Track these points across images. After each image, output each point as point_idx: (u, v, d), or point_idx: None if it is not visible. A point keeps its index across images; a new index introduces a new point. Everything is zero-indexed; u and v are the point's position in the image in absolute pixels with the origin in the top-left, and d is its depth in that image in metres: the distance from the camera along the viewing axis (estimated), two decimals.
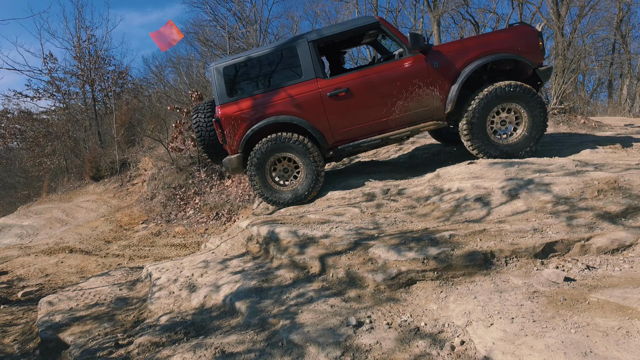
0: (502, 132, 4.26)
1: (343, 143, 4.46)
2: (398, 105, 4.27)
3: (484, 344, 1.96)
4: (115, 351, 2.80)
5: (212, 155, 4.88)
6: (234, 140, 4.40)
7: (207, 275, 3.56)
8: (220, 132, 4.38)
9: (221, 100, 4.38)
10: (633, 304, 1.95)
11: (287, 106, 4.30)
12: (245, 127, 4.35)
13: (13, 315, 4.53)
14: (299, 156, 4.33)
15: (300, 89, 4.31)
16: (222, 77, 4.39)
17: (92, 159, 13.14)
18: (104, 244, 7.82)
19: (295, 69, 4.36)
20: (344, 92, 4.25)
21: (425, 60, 4.21)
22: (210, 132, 4.67)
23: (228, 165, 4.53)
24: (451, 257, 2.65)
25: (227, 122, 4.35)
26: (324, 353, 2.15)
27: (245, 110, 4.34)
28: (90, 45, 16.39)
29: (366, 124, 4.36)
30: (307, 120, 4.32)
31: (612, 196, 3.00)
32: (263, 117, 4.32)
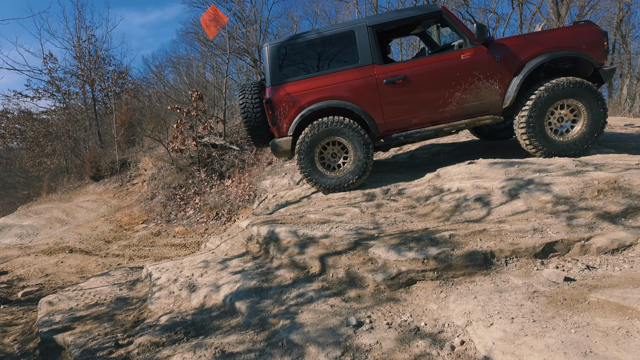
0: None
1: (394, 132, 4.39)
2: (455, 96, 4.21)
3: (484, 344, 1.96)
4: (115, 351, 2.80)
5: (255, 138, 4.81)
6: (283, 123, 4.35)
7: (207, 275, 3.56)
8: (271, 113, 4.32)
9: (273, 81, 4.33)
10: (633, 304, 1.95)
11: (341, 91, 4.26)
12: (297, 110, 4.30)
13: (13, 315, 4.53)
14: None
15: (355, 74, 4.26)
16: (276, 58, 4.33)
17: (92, 159, 13.14)
18: (104, 244, 7.82)
19: (352, 53, 4.30)
20: (401, 79, 4.19)
21: (487, 53, 4.15)
22: (256, 114, 4.61)
23: (276, 147, 4.47)
24: (451, 257, 2.65)
25: (278, 103, 4.30)
26: (324, 353, 2.15)
27: (298, 93, 4.30)
28: (90, 45, 16.40)
29: (421, 113, 4.30)
30: (361, 107, 4.27)
31: (612, 196, 3.00)
32: (316, 101, 4.27)
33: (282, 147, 4.43)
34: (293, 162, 7.61)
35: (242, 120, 4.80)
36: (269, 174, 7.28)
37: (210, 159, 9.85)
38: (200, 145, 9.81)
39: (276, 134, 4.49)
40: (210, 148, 9.98)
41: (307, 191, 5.03)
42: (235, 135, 10.41)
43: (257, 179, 7.73)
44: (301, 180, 6.22)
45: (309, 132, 4.27)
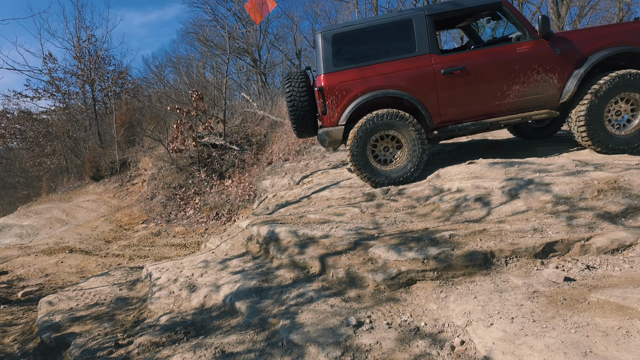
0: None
1: (449, 124, 4.33)
2: (513, 89, 4.17)
3: (484, 344, 1.96)
4: (115, 351, 2.80)
5: (300, 128, 4.76)
6: (335, 112, 4.27)
7: (207, 275, 3.56)
8: (322, 102, 4.26)
9: (326, 69, 4.26)
10: (633, 304, 1.95)
11: (397, 80, 4.19)
12: (351, 99, 4.23)
13: (13, 315, 4.52)
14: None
15: (412, 63, 4.20)
16: (330, 45, 4.26)
17: (92, 159, 13.14)
18: (104, 244, 7.82)
19: (408, 42, 4.23)
20: (459, 70, 4.15)
21: (548, 46, 4.10)
22: (303, 103, 4.55)
23: (325, 137, 4.38)
24: (451, 257, 2.65)
25: (330, 92, 4.23)
26: (324, 353, 2.15)
27: (352, 81, 4.23)
28: (90, 45, 16.40)
29: (477, 105, 4.24)
30: (417, 97, 4.19)
31: (612, 196, 3.00)
32: (371, 90, 4.20)
33: (333, 136, 4.33)
34: (293, 162, 7.61)
35: (288, 110, 4.70)
36: (269, 174, 7.29)
37: (210, 159, 9.85)
38: (200, 145, 9.81)
39: (325, 123, 4.39)
40: (210, 148, 9.98)
41: (307, 191, 5.03)
42: (235, 135, 10.41)
43: (257, 179, 7.73)
44: (301, 180, 6.22)
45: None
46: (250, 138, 10.20)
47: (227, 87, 11.15)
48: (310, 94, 4.62)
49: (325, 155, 7.41)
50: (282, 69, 23.10)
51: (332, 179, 5.31)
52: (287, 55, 22.15)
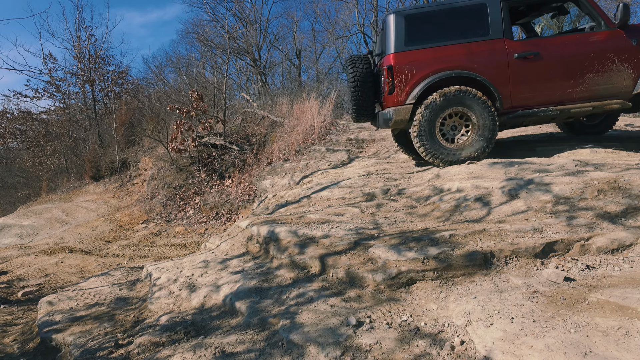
0: None
1: (519, 109, 4.33)
2: (587, 78, 4.17)
3: (484, 344, 1.96)
4: (115, 351, 2.80)
5: (360, 111, 4.78)
6: (403, 91, 4.29)
7: (207, 275, 3.56)
8: (390, 80, 4.28)
9: (397, 48, 4.28)
10: (633, 304, 1.95)
11: (469, 62, 4.22)
12: (421, 78, 4.25)
13: (13, 315, 4.52)
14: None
15: (485, 46, 4.24)
16: (403, 25, 4.29)
17: (92, 158, 13.14)
18: (104, 244, 7.82)
19: (482, 26, 4.27)
20: (533, 55, 4.17)
21: (624, 36, 4.11)
22: (366, 85, 4.58)
23: (392, 116, 4.36)
24: (451, 257, 2.65)
25: (400, 70, 4.25)
26: (324, 353, 2.15)
27: (424, 61, 4.26)
28: (90, 45, 16.39)
29: (549, 92, 4.26)
30: (489, 80, 4.21)
31: (612, 196, 3.01)
32: (443, 70, 4.23)
33: (401, 115, 4.32)
34: (293, 162, 7.61)
35: (350, 92, 4.72)
36: (269, 174, 7.28)
37: (210, 159, 9.85)
38: (200, 145, 9.81)
39: (391, 103, 4.38)
40: (210, 148, 9.98)
41: (307, 191, 5.03)
42: (235, 135, 10.41)
43: (257, 179, 7.73)
44: (301, 180, 6.22)
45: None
46: (250, 138, 10.20)
47: (227, 87, 11.15)
48: (374, 77, 4.63)
49: (325, 155, 7.40)
50: (282, 69, 23.12)
51: (332, 179, 5.31)
52: (287, 55, 22.16)
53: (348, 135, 8.16)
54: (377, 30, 5.13)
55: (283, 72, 23.39)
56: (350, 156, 7.03)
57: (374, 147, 7.50)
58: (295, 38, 21.86)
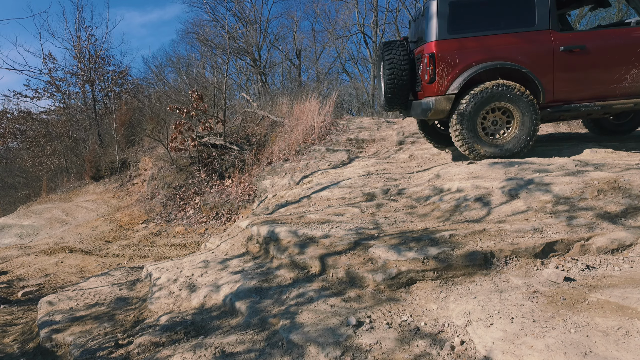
0: None
1: (561, 103, 4.26)
2: (632, 73, 4.13)
3: (484, 344, 1.96)
4: (115, 351, 2.80)
5: (394, 99, 4.67)
6: (445, 80, 4.19)
7: (207, 275, 3.56)
8: (431, 69, 4.19)
9: (439, 36, 4.19)
10: (633, 304, 1.95)
11: (514, 53, 4.15)
12: (464, 68, 4.17)
13: (13, 315, 4.52)
14: (518, 109, 4.13)
15: (531, 37, 4.16)
16: (447, 12, 4.21)
17: (92, 158, 13.13)
18: (104, 244, 7.82)
19: (528, 16, 4.19)
20: (579, 49, 4.10)
21: None
22: (403, 72, 4.49)
23: (431, 106, 4.27)
24: (451, 257, 2.65)
25: (442, 59, 4.17)
26: (324, 353, 2.15)
27: (468, 50, 4.18)
28: (90, 45, 16.38)
29: (592, 87, 4.20)
30: (533, 72, 4.14)
31: (612, 196, 3.01)
32: (486, 60, 4.15)
33: (441, 106, 4.22)
34: (293, 162, 7.61)
35: (385, 79, 4.59)
36: (269, 174, 7.28)
37: (210, 159, 9.85)
38: (200, 145, 9.81)
39: (430, 92, 4.30)
40: (210, 148, 9.97)
41: (307, 191, 5.03)
42: (235, 135, 10.41)
43: (257, 179, 7.73)
44: (301, 180, 6.22)
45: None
46: (250, 138, 10.20)
47: (227, 87, 11.15)
48: (411, 63, 4.54)
49: (325, 156, 7.40)
50: (282, 69, 23.12)
51: (332, 179, 5.31)
52: (287, 55, 22.16)
53: (348, 135, 8.16)
54: (412, 16, 5.03)
55: (283, 72, 23.40)
56: (350, 156, 7.03)
57: (374, 147, 7.50)
58: (295, 38, 21.87)
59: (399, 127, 8.32)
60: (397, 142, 7.16)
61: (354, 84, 22.18)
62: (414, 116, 4.80)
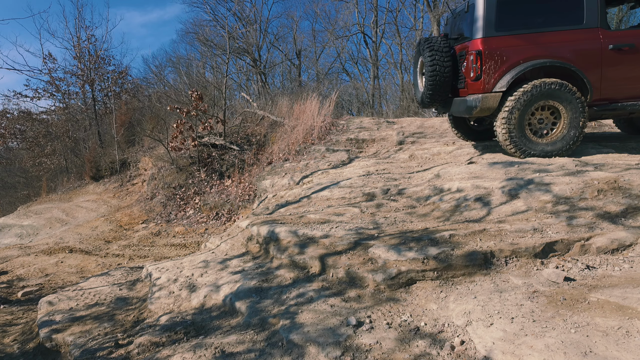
0: None
1: (608, 101, 4.26)
2: None
3: (484, 344, 1.96)
4: (115, 351, 2.80)
5: (434, 95, 4.66)
6: (491, 78, 4.19)
7: (207, 275, 3.56)
8: (477, 66, 4.19)
9: (486, 33, 4.19)
10: (633, 304, 1.95)
11: (563, 51, 4.14)
12: (511, 66, 4.16)
13: (13, 315, 4.52)
14: (567, 107, 4.11)
15: (579, 35, 4.16)
16: (494, 9, 4.20)
17: (92, 158, 13.13)
18: (104, 244, 7.82)
19: (577, 14, 4.18)
20: (628, 47, 4.10)
21: None
22: (445, 68, 4.49)
23: (477, 104, 4.25)
24: (451, 257, 2.65)
25: (490, 56, 4.17)
26: (324, 353, 2.15)
27: (515, 47, 4.17)
28: (90, 45, 16.37)
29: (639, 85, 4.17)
30: (582, 70, 4.13)
31: (612, 196, 3.01)
32: (535, 58, 4.14)
33: (488, 103, 4.21)
34: (293, 162, 7.61)
35: (427, 75, 4.58)
36: (269, 174, 7.28)
37: (210, 159, 9.85)
38: (200, 145, 9.81)
39: (474, 90, 4.29)
40: (210, 148, 9.98)
41: (307, 191, 5.03)
42: (235, 135, 10.41)
43: (257, 179, 7.73)
44: (301, 180, 6.22)
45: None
46: (250, 138, 10.20)
47: (227, 87, 11.15)
48: (453, 60, 4.54)
49: (325, 156, 7.40)
50: (282, 69, 23.12)
51: (332, 179, 5.30)
52: (287, 55, 22.17)
53: (348, 135, 8.16)
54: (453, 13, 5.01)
55: (283, 72, 23.41)
56: (350, 156, 7.03)
57: (374, 147, 7.50)
58: (295, 38, 21.88)
59: (399, 127, 8.32)
60: (397, 142, 7.16)
61: (354, 84, 22.20)
62: (454, 113, 4.77)
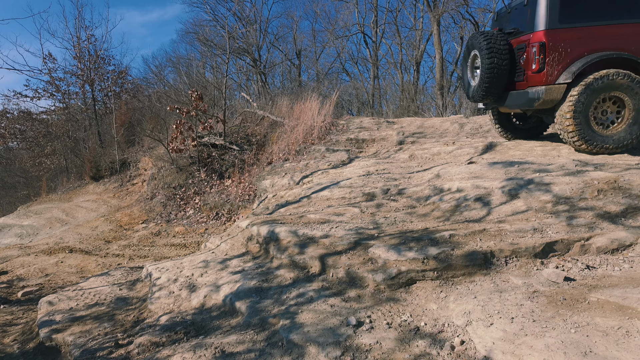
0: None
1: None
2: None
3: (484, 344, 1.96)
4: (115, 351, 2.80)
5: (491, 88, 4.68)
6: (555, 70, 4.21)
7: (207, 275, 3.56)
8: (541, 58, 4.21)
9: (550, 25, 4.22)
10: (633, 304, 1.95)
11: (628, 44, 4.16)
12: (576, 58, 4.18)
13: (13, 315, 4.52)
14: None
15: None
16: (557, 3, 4.22)
17: (92, 158, 13.13)
18: (104, 244, 7.81)
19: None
20: None
21: None
22: (503, 61, 4.51)
23: (540, 96, 4.26)
24: (451, 257, 2.65)
25: (554, 48, 4.19)
26: (324, 353, 2.15)
27: (580, 39, 4.20)
28: (90, 45, 16.37)
29: None
30: None
31: (612, 196, 3.01)
32: (599, 50, 4.16)
33: (550, 95, 4.22)
34: (293, 162, 7.61)
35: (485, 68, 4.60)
36: (269, 174, 7.28)
37: (210, 159, 9.85)
38: (200, 145, 9.81)
39: (536, 82, 4.30)
40: (210, 148, 9.98)
41: (307, 191, 5.03)
42: (235, 135, 10.41)
43: (257, 179, 7.73)
44: (301, 180, 6.22)
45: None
46: (250, 138, 10.20)
47: (227, 87, 11.15)
48: (511, 53, 4.57)
49: (325, 155, 7.40)
50: (282, 69, 23.12)
51: (332, 179, 5.31)
52: (287, 55, 22.17)
53: (348, 135, 8.16)
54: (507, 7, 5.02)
55: (283, 72, 23.40)
56: (350, 156, 7.03)
57: (374, 147, 7.50)
58: (295, 38, 21.88)
59: (399, 127, 8.32)
60: (397, 142, 7.16)
61: (354, 84, 22.19)
62: (509, 107, 4.77)
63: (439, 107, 15.22)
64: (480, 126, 7.94)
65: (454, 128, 7.97)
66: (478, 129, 7.79)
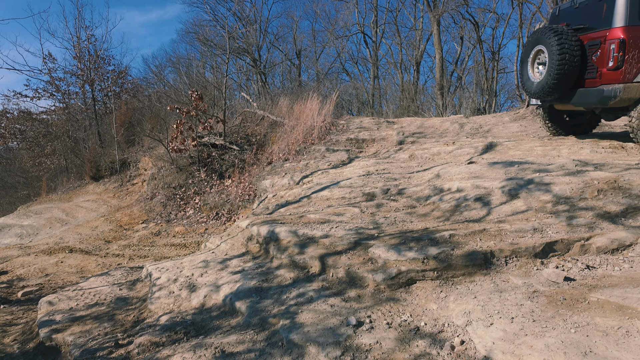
0: None
1: None
2: None
3: (484, 344, 1.96)
4: (115, 351, 2.80)
5: (561, 85, 4.64)
6: (634, 67, 4.19)
7: (207, 275, 3.56)
8: (620, 55, 4.18)
9: (629, 21, 4.19)
10: (633, 304, 1.95)
11: None
12: None
13: (13, 315, 4.52)
14: None
15: None
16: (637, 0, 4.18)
17: (92, 158, 13.13)
18: (104, 244, 7.81)
19: None
20: None
21: None
22: (575, 58, 4.47)
23: (618, 94, 4.24)
24: (451, 256, 2.65)
25: (634, 45, 4.17)
26: (324, 353, 2.15)
27: None
28: (90, 45, 16.37)
29: None
30: None
31: (612, 196, 3.01)
32: None
33: (629, 94, 4.20)
34: (293, 162, 7.61)
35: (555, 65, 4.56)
36: (269, 174, 7.28)
37: (210, 159, 9.85)
38: (200, 145, 9.81)
39: (613, 79, 4.28)
40: (210, 148, 9.98)
41: (307, 191, 5.03)
42: (235, 135, 10.41)
43: (257, 178, 7.73)
44: (301, 180, 6.22)
45: None
46: (250, 138, 10.20)
47: (227, 87, 11.16)
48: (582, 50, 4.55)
49: (325, 155, 7.40)
50: (282, 68, 23.12)
51: (332, 179, 5.31)
52: (287, 55, 22.17)
53: (348, 135, 8.16)
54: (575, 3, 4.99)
55: (283, 72, 23.41)
56: (350, 156, 7.03)
57: (374, 147, 7.50)
58: (295, 38, 21.88)
59: (399, 127, 8.32)
60: (397, 142, 7.16)
61: (354, 84, 22.20)
62: (575, 104, 4.73)
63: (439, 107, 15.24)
64: (480, 126, 7.95)
65: (454, 128, 7.98)
66: (478, 129, 7.79)
